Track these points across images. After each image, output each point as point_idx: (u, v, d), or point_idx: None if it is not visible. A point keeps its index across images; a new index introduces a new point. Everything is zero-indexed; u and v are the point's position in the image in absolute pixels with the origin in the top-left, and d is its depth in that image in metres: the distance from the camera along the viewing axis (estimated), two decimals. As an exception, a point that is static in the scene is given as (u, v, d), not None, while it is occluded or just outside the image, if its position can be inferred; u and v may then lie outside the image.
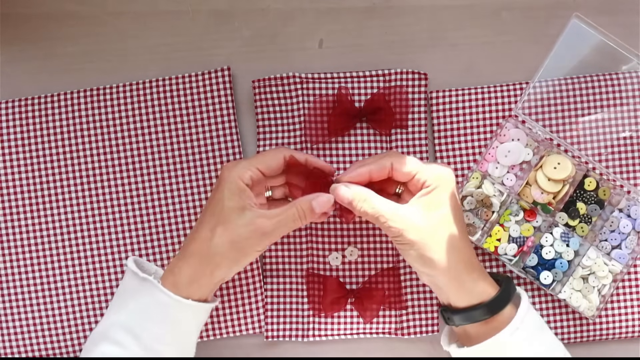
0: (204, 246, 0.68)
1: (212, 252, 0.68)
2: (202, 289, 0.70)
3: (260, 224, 0.67)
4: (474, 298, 0.70)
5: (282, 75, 0.81)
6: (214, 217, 0.68)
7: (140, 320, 0.68)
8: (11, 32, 0.83)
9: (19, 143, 0.81)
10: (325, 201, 0.69)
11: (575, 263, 0.79)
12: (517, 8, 0.83)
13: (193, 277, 0.69)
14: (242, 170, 0.69)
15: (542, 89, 0.80)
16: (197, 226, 0.70)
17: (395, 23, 0.83)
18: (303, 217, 0.69)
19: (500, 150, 0.79)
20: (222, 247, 0.68)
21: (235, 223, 0.67)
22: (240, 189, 0.68)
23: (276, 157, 0.71)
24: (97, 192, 0.81)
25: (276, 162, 0.71)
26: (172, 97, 0.81)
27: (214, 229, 0.68)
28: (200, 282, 0.69)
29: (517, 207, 0.80)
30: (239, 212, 0.67)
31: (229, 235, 0.67)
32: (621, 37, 0.76)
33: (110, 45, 0.83)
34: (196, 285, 0.69)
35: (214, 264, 0.68)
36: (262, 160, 0.70)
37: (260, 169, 0.70)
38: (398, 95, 0.80)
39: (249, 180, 0.69)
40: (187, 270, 0.69)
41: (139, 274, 0.69)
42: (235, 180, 0.68)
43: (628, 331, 0.81)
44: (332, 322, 0.81)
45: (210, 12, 0.83)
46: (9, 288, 0.81)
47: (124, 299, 0.70)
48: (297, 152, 0.73)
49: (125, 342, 0.67)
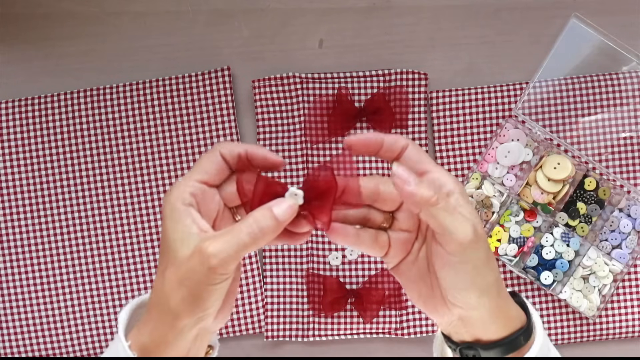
0: (158, 295, 0.54)
1: (166, 301, 0.53)
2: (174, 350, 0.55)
3: (205, 249, 0.50)
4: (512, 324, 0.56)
5: (282, 75, 0.81)
6: (163, 257, 0.53)
7: None
8: (11, 32, 0.83)
9: (19, 143, 0.81)
10: (289, 205, 0.52)
11: (575, 263, 0.79)
12: (517, 8, 0.83)
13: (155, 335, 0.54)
14: (179, 189, 0.53)
15: (541, 89, 0.80)
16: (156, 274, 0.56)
17: (395, 23, 0.83)
18: (267, 230, 0.51)
19: (500, 151, 0.79)
20: (173, 291, 0.53)
21: (181, 256, 0.52)
22: (180, 212, 0.52)
23: (212, 158, 0.55)
24: (97, 192, 0.81)
25: (214, 164, 0.54)
26: (172, 97, 0.81)
27: (164, 273, 0.53)
28: (167, 341, 0.54)
29: (517, 208, 0.80)
30: (182, 242, 0.52)
31: (177, 274, 0.52)
32: (621, 37, 0.76)
33: (110, 45, 0.83)
34: (164, 346, 0.54)
35: (172, 315, 0.53)
36: (198, 168, 0.54)
37: (200, 180, 0.54)
38: (398, 95, 0.80)
39: (191, 199, 0.53)
40: (149, 326, 0.55)
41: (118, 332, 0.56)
42: (173, 205, 0.53)
43: (628, 331, 0.81)
44: (332, 322, 0.81)
45: (210, 12, 0.83)
46: (9, 288, 0.81)
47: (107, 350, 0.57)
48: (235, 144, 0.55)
49: None
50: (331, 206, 0.53)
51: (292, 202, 0.52)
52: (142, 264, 0.81)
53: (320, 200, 0.53)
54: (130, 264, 0.81)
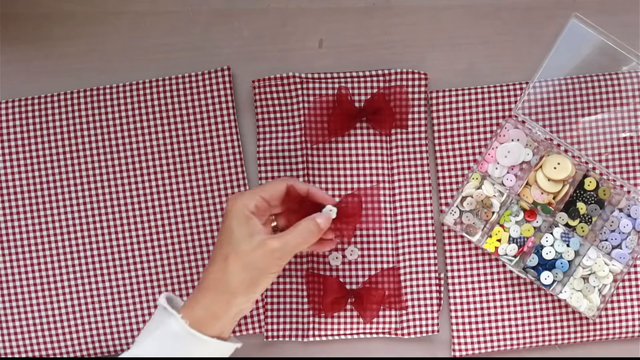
0: (218, 277, 0.69)
1: (227, 281, 0.68)
2: (220, 323, 0.69)
3: (270, 245, 0.68)
4: None
5: (282, 75, 0.81)
6: (224, 247, 0.69)
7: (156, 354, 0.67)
8: (11, 32, 0.83)
9: (18, 143, 0.81)
10: (327, 218, 0.72)
11: (575, 263, 0.79)
12: (517, 8, 0.83)
13: (210, 309, 0.69)
14: (247, 199, 0.70)
15: (541, 89, 0.80)
16: (211, 260, 0.71)
17: (395, 23, 0.83)
18: (311, 235, 0.71)
19: (500, 151, 0.79)
20: (236, 274, 0.68)
21: (246, 248, 0.68)
22: (247, 216, 0.69)
23: (279, 186, 0.73)
24: (97, 192, 0.81)
25: (279, 191, 0.73)
26: (172, 97, 0.81)
27: (226, 259, 0.69)
28: (218, 315, 0.69)
29: (517, 208, 0.80)
30: (248, 238, 0.69)
31: (241, 261, 0.68)
32: (621, 37, 0.76)
33: (110, 45, 0.83)
34: (214, 319, 0.69)
35: (230, 293, 0.69)
36: (266, 189, 0.72)
37: (264, 198, 0.71)
38: (398, 95, 0.80)
39: (254, 209, 0.70)
40: (205, 302, 0.69)
41: (167, 307, 0.69)
42: (241, 209, 0.70)
43: (628, 331, 0.81)
44: (332, 322, 0.81)
45: (210, 12, 0.83)
46: (9, 288, 0.81)
47: (149, 331, 0.69)
48: (299, 182, 0.75)
49: None
50: (354, 227, 0.74)
51: (328, 215, 0.72)
52: (142, 264, 0.81)
53: (347, 221, 0.73)
54: (130, 264, 0.81)
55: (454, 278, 0.81)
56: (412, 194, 0.81)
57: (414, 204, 0.81)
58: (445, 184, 0.82)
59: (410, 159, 0.82)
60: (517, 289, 0.81)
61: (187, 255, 0.81)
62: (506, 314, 0.81)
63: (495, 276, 0.81)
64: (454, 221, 0.81)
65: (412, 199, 0.81)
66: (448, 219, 0.81)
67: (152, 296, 0.81)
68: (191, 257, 0.81)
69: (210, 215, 0.81)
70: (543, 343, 0.81)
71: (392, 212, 0.81)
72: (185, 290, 0.81)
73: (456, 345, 0.81)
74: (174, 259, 0.81)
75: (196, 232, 0.81)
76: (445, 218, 0.81)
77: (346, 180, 0.81)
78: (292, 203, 0.74)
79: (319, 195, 0.74)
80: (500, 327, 0.81)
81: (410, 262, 0.81)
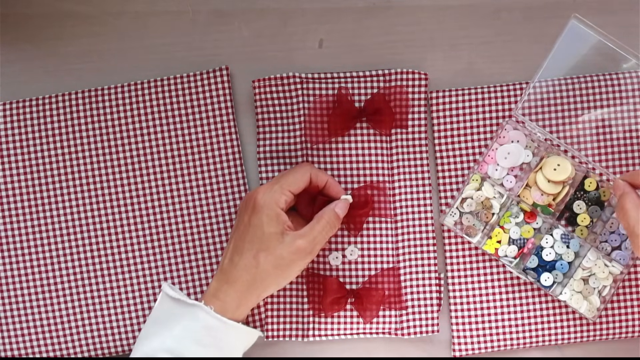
0: (250, 272, 0.71)
1: (260, 278, 0.71)
2: (245, 311, 0.74)
3: (299, 245, 0.71)
4: None
5: (282, 75, 0.81)
6: (254, 243, 0.71)
7: (189, 344, 0.69)
8: (11, 32, 0.83)
9: (17, 145, 0.81)
10: (345, 204, 0.75)
11: (575, 264, 0.79)
12: (517, 8, 0.83)
13: (240, 301, 0.72)
14: (277, 195, 0.72)
15: (541, 89, 0.80)
16: (237, 252, 0.73)
17: (395, 23, 0.83)
18: (333, 226, 0.74)
19: (499, 152, 0.79)
20: (269, 272, 0.71)
21: (277, 247, 0.71)
22: (277, 214, 0.71)
23: (304, 177, 0.75)
24: (97, 193, 0.81)
25: (304, 182, 0.75)
26: (170, 97, 0.81)
27: (257, 256, 0.71)
28: (247, 305, 0.73)
29: (517, 209, 0.80)
30: (279, 237, 0.71)
31: (273, 260, 0.71)
32: (621, 37, 0.76)
33: (110, 45, 0.83)
34: (238, 308, 0.72)
35: (262, 289, 0.72)
36: (292, 181, 0.74)
37: (291, 191, 0.73)
38: (398, 95, 0.80)
39: (284, 205, 0.72)
40: (234, 294, 0.72)
41: (187, 300, 0.71)
42: (272, 206, 0.71)
43: (628, 331, 0.81)
44: (332, 322, 0.81)
45: (210, 12, 0.83)
46: (9, 290, 0.81)
47: (166, 325, 0.71)
48: (320, 172, 0.77)
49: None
50: (362, 220, 0.79)
51: (346, 202, 0.76)
52: (143, 264, 0.81)
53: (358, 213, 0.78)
54: (130, 264, 0.81)
55: (454, 278, 0.81)
56: (412, 194, 0.81)
57: (414, 204, 0.81)
58: (445, 184, 0.82)
59: (410, 159, 0.82)
60: (517, 289, 0.81)
61: (187, 254, 0.81)
62: (506, 314, 0.81)
63: (495, 276, 0.81)
64: (454, 222, 0.81)
65: (412, 199, 0.81)
66: (448, 221, 0.81)
67: (152, 296, 0.81)
68: (192, 257, 0.81)
69: (210, 215, 0.81)
70: (543, 343, 0.81)
71: (392, 212, 0.81)
72: (186, 290, 0.81)
73: (456, 345, 0.81)
74: (174, 258, 0.81)
75: (196, 232, 0.81)
76: (446, 220, 0.81)
77: (346, 180, 0.81)
78: (304, 193, 0.76)
79: (336, 189, 0.77)
80: (500, 327, 0.81)
81: (410, 262, 0.81)
